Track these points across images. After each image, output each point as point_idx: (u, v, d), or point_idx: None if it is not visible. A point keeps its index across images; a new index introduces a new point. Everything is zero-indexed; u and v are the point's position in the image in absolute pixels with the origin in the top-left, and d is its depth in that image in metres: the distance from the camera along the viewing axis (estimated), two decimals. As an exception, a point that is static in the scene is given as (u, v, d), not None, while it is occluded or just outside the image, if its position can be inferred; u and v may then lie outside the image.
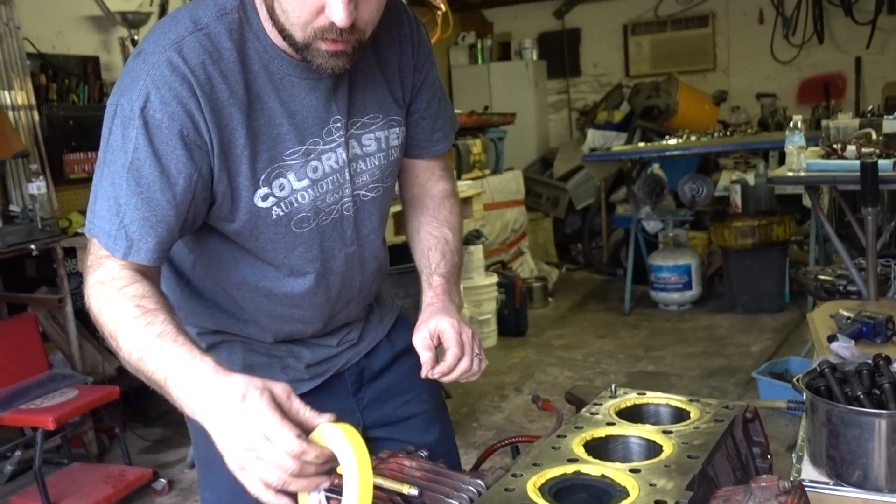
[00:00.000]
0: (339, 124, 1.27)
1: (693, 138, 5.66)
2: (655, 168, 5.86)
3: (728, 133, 5.81)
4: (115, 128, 1.12)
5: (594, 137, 6.77)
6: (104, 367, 3.83)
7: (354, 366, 1.50)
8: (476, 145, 5.63)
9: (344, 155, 1.28)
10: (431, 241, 1.46)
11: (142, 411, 4.21)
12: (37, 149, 4.05)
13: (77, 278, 3.95)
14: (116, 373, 3.92)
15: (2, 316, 3.90)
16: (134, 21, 4.55)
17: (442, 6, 4.79)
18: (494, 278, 5.03)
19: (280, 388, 0.97)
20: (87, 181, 4.30)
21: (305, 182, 1.24)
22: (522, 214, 6.10)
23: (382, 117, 1.33)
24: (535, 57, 7.71)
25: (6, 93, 3.95)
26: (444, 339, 1.29)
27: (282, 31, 1.13)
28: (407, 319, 1.62)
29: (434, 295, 1.39)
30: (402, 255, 1.81)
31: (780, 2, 7.10)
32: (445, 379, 1.29)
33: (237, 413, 0.95)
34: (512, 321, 5.16)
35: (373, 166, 1.34)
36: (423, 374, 1.28)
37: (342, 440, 0.92)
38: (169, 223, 1.14)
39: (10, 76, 3.97)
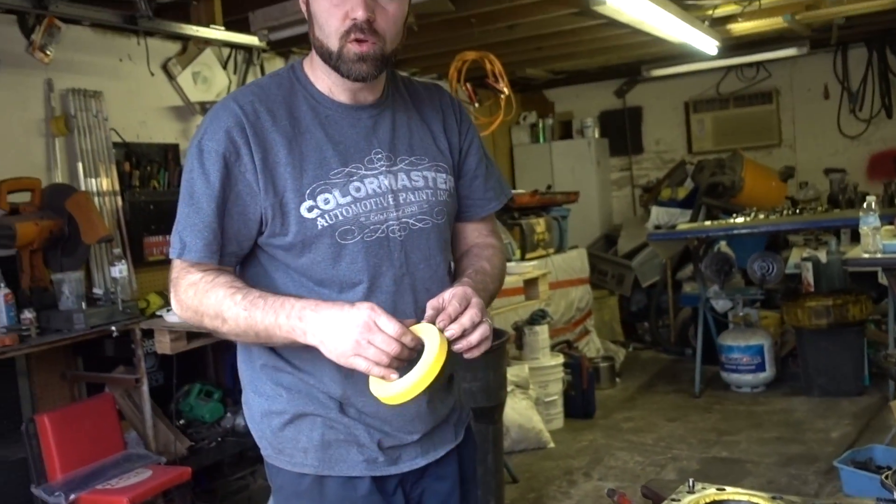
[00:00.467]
0: (380, 156, 1.46)
1: (761, 216, 5.58)
2: (723, 246, 5.79)
3: (797, 210, 5.72)
4: (187, 159, 1.42)
5: (658, 214, 6.74)
6: (176, 447, 3.89)
7: (418, 482, 1.53)
8: (540, 224, 5.66)
9: (386, 182, 1.45)
10: (471, 265, 1.57)
11: (210, 491, 4.24)
12: (119, 233, 4.23)
13: (152, 358, 4.06)
14: (188, 452, 3.98)
15: (81, 395, 4.02)
16: (212, 110, 4.77)
17: (505, 90, 4.90)
18: (560, 359, 4.98)
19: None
20: (164, 262, 4.46)
21: (348, 199, 1.41)
22: (588, 293, 6.06)
23: (429, 160, 1.52)
24: (596, 135, 7.78)
25: (93, 180, 4.16)
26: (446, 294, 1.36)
27: (322, 50, 1.39)
28: (473, 435, 1.67)
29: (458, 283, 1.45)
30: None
31: (846, 77, 7.05)
32: (450, 334, 1.31)
33: (351, 314, 1.26)
34: (579, 403, 5.07)
35: (420, 199, 1.49)
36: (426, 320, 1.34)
37: (432, 331, 1.28)
38: (213, 226, 1.38)
39: (98, 164, 4.19)
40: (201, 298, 1.37)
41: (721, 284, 5.51)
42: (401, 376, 1.25)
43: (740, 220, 5.56)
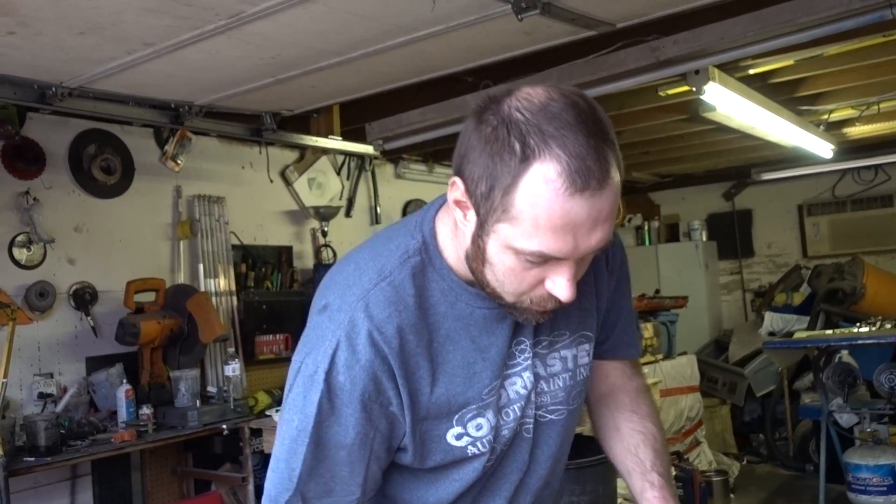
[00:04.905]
0: (523, 346, 1.20)
1: (888, 325, 5.27)
2: (845, 355, 5.47)
3: (926, 319, 5.38)
4: (296, 386, 1.11)
5: (773, 320, 6.47)
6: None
7: None
8: (648, 329, 5.53)
9: (531, 377, 1.21)
10: (638, 437, 1.35)
11: None
12: (233, 332, 4.39)
13: (258, 457, 4.12)
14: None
15: (189, 491, 4.10)
16: (325, 214, 4.98)
17: (612, 195, 4.90)
18: (671, 471, 4.75)
19: None
20: (274, 361, 4.60)
21: (498, 419, 1.19)
22: (698, 401, 5.81)
23: (570, 334, 1.26)
24: (704, 238, 7.62)
25: (212, 280, 4.37)
26: None
27: (488, 290, 1.09)
28: None
29: (658, 497, 1.28)
30: (576, 449, 1.75)
31: (973, 178, 6.72)
32: None
33: None
34: (691, 519, 4.80)
35: (556, 388, 1.25)
36: None
37: None
38: (345, 485, 1.12)
39: (217, 266, 4.41)
40: None
41: (845, 397, 5.17)
42: None
43: (865, 329, 5.26)
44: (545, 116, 0.95)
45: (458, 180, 1.03)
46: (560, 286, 1.03)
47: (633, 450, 1.35)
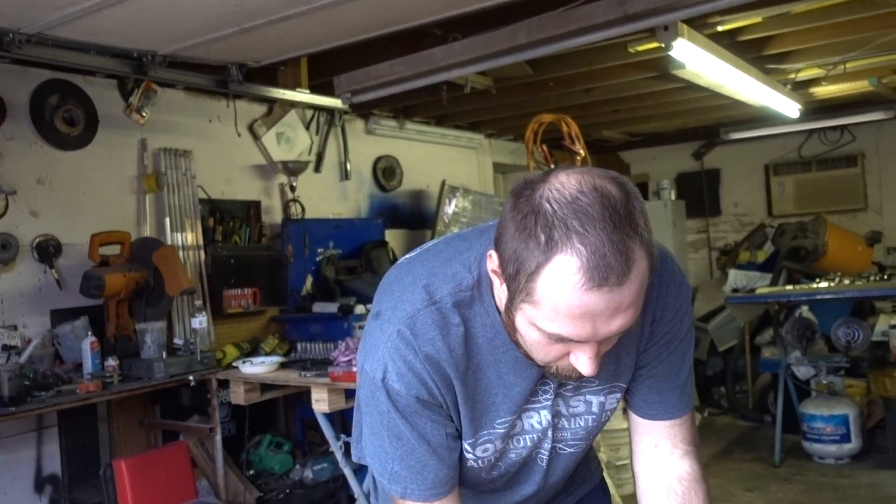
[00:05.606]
0: (547, 387, 1.26)
1: (846, 281, 5.39)
2: (805, 311, 5.60)
3: (885, 276, 5.51)
4: (364, 384, 1.24)
5: (736, 278, 6.58)
6: (245, 497, 3.93)
7: None
8: (614, 285, 5.59)
9: (549, 416, 1.28)
10: None
11: (278, 544, 4.26)
12: (201, 285, 4.38)
13: (226, 408, 4.15)
14: (257, 503, 4.02)
15: (157, 441, 4.13)
16: (294, 169, 4.95)
17: (581, 151, 4.93)
18: None
19: None
20: (242, 315, 4.60)
21: (507, 445, 1.30)
22: (662, 356, 5.92)
23: (599, 383, 1.28)
24: (673, 196, 7.70)
25: (179, 234, 4.35)
26: None
27: (521, 352, 1.15)
28: (603, 488, 1.60)
29: None
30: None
31: (936, 140, 6.83)
32: None
33: None
34: (652, 469, 4.92)
35: (577, 426, 1.31)
36: None
37: None
38: (434, 466, 1.23)
39: (184, 220, 4.38)
40: None
41: (803, 350, 5.31)
42: None
43: (824, 284, 5.38)
44: (572, 210, 0.99)
45: (493, 254, 1.09)
46: (583, 363, 1.08)
47: None
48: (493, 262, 1.10)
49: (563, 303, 0.99)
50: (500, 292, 1.11)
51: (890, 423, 4.99)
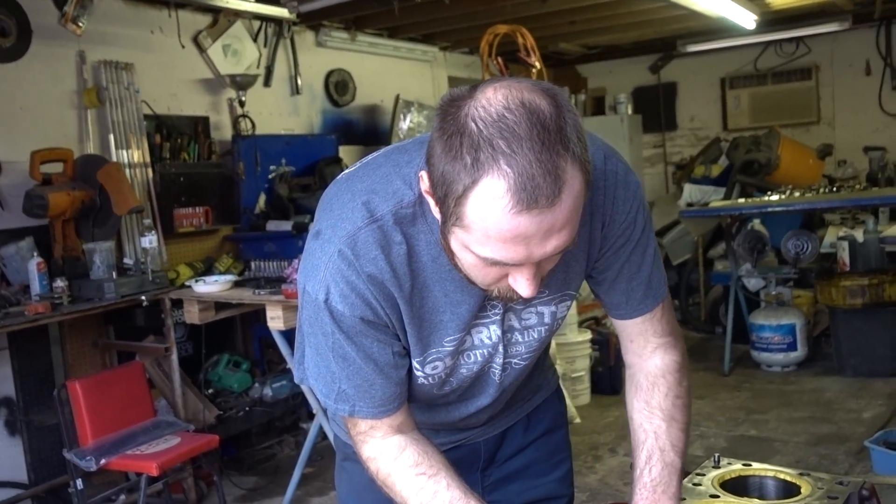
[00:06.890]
0: (496, 301, 1.21)
1: (797, 194, 5.47)
2: (756, 224, 5.69)
3: (835, 189, 5.60)
4: (306, 305, 1.20)
5: (691, 192, 6.65)
6: (205, 415, 3.94)
7: (491, 439, 1.50)
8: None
9: (498, 331, 1.27)
10: (640, 436, 1.35)
11: (238, 459, 4.30)
12: (150, 204, 4.27)
13: (182, 328, 4.12)
14: (216, 421, 4.03)
15: (112, 363, 4.09)
16: (242, 83, 4.79)
17: (537, 64, 4.85)
18: (588, 335, 4.95)
19: None
20: (194, 234, 4.52)
21: (457, 362, 1.28)
22: (617, 270, 6.00)
23: (549, 293, 1.27)
24: (629, 111, 7.67)
25: (124, 152, 4.21)
26: None
27: (462, 274, 1.11)
28: (558, 395, 1.62)
29: None
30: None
31: (889, 52, 6.86)
32: None
33: None
34: (606, 379, 5.05)
35: (530, 339, 1.31)
36: None
37: None
38: (382, 384, 1.22)
39: (129, 136, 4.23)
40: (384, 479, 1.26)
41: (754, 263, 5.43)
42: None
43: (775, 197, 5.46)
44: (498, 129, 0.93)
45: (424, 175, 1.05)
46: (521, 285, 1.05)
47: (635, 447, 1.36)
48: (424, 183, 1.05)
49: (493, 227, 0.96)
50: (436, 213, 1.06)
51: (834, 331, 5.16)
